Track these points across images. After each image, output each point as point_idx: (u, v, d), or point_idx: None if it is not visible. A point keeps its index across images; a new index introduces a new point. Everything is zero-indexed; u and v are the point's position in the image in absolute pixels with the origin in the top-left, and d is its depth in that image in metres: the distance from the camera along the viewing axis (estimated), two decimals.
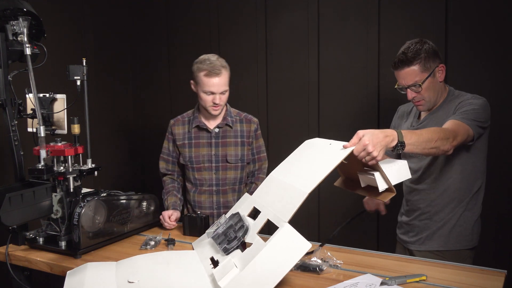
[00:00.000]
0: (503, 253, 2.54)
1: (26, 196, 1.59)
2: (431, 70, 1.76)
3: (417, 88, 1.77)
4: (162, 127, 3.78)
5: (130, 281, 1.44)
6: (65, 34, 3.20)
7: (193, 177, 2.22)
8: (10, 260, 1.75)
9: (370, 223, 2.90)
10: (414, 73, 1.75)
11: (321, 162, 1.44)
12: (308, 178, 1.40)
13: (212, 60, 2.07)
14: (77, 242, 1.72)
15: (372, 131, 1.40)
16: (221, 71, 2.05)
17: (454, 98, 1.82)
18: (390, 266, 1.53)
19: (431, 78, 1.76)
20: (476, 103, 1.73)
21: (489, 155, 2.58)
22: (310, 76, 3.02)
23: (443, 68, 1.80)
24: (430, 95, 1.79)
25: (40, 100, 1.84)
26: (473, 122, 1.67)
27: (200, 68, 2.07)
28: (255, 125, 2.24)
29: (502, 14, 2.45)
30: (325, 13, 2.95)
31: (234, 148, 2.19)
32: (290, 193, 1.43)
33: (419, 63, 1.75)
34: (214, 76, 2.04)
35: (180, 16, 3.53)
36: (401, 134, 1.44)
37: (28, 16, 1.77)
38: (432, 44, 1.79)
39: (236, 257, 1.41)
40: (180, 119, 2.26)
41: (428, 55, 1.75)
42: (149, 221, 2.05)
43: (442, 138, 1.53)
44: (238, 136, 2.20)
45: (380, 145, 1.37)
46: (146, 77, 3.78)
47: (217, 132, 2.18)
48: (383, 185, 1.43)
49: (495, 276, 1.42)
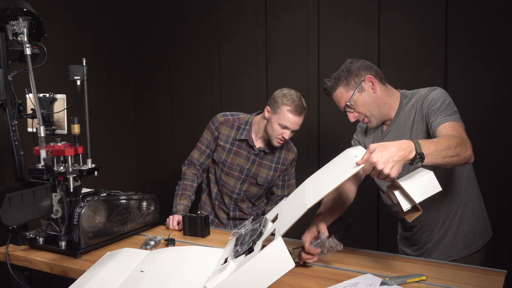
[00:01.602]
0: (503, 253, 2.54)
1: (26, 196, 1.59)
2: (356, 86, 1.69)
3: (350, 108, 1.71)
4: (162, 127, 3.78)
5: (142, 270, 1.50)
6: (65, 34, 3.20)
7: (219, 177, 2.28)
8: (10, 260, 1.75)
9: (370, 223, 2.90)
10: (341, 96, 1.72)
11: (333, 177, 1.39)
12: (315, 192, 1.38)
13: (297, 99, 2.10)
14: (77, 242, 1.72)
15: (385, 145, 1.26)
16: (303, 112, 2.12)
17: (409, 99, 1.73)
18: (390, 266, 1.53)
19: (358, 94, 1.69)
20: (439, 95, 1.62)
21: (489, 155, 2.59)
22: (310, 76, 3.02)
23: (371, 79, 1.69)
24: (369, 109, 1.71)
25: (40, 100, 1.84)
26: (456, 115, 1.57)
27: (285, 102, 2.08)
28: (294, 155, 2.29)
29: (502, 14, 2.45)
30: (325, 13, 2.95)
31: (267, 171, 2.25)
32: (296, 204, 1.43)
33: (341, 84, 1.71)
34: (298, 115, 2.09)
35: (180, 16, 3.54)
36: (419, 144, 1.28)
37: (28, 16, 1.77)
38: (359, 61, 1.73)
39: (237, 261, 1.41)
40: (230, 120, 2.24)
41: (349, 73, 1.70)
42: (149, 221, 2.05)
43: (460, 143, 1.37)
44: (275, 161, 2.25)
45: (393, 161, 1.23)
46: (146, 77, 3.79)
47: (259, 153, 2.22)
48: (406, 205, 1.30)
49: (495, 276, 1.42)
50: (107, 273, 1.51)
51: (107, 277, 1.49)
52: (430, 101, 1.62)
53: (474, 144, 1.50)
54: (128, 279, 1.47)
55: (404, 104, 1.74)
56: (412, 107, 1.70)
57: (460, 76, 2.59)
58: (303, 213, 1.31)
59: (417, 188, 1.27)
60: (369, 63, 1.75)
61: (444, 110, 1.57)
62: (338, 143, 3.01)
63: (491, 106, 2.53)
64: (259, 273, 1.28)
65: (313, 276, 1.47)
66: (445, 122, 1.53)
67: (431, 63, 2.65)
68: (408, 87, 1.82)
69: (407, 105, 1.73)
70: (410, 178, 1.30)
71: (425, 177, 1.28)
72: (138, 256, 1.65)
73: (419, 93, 1.71)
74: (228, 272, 1.35)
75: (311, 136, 3.09)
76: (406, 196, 1.28)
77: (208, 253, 1.66)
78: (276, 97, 2.12)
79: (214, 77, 3.43)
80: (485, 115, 2.54)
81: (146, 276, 1.46)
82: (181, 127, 3.67)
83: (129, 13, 3.73)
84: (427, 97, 1.65)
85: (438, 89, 1.67)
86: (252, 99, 3.21)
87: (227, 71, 3.31)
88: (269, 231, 1.47)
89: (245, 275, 1.29)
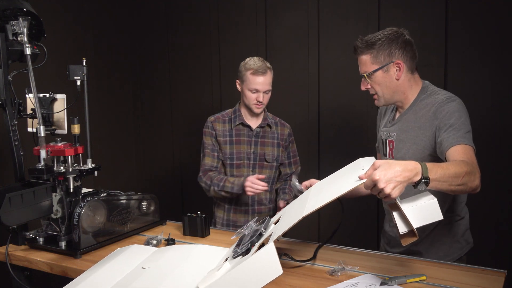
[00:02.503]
0: (503, 253, 2.54)
1: (26, 196, 1.59)
2: (383, 64, 1.62)
3: (366, 79, 1.67)
4: (162, 127, 3.78)
5: (144, 267, 1.52)
6: (65, 34, 3.20)
7: (230, 174, 2.29)
8: (10, 260, 1.75)
9: (370, 223, 2.90)
10: (365, 63, 1.65)
11: (334, 188, 1.37)
12: (315, 201, 1.37)
13: (259, 61, 2.22)
14: (77, 242, 1.72)
15: (390, 164, 1.20)
16: (267, 71, 2.20)
17: (427, 97, 1.67)
18: (390, 266, 1.53)
19: (382, 73, 1.64)
20: (455, 109, 1.56)
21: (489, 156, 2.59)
22: (310, 76, 3.02)
23: (400, 66, 1.63)
24: (382, 90, 1.67)
25: (40, 100, 1.84)
26: (469, 137, 1.51)
27: (247, 67, 2.20)
28: (288, 129, 2.38)
29: (502, 13, 2.46)
30: (325, 13, 2.95)
31: (271, 148, 2.31)
32: (296, 209, 1.43)
33: (370, 54, 1.63)
34: (260, 75, 2.18)
35: (180, 16, 3.54)
36: (426, 168, 1.22)
37: (28, 16, 1.77)
38: (404, 38, 1.63)
39: (233, 263, 1.41)
40: (220, 117, 2.33)
41: (383, 47, 1.61)
42: (149, 221, 2.05)
43: (469, 172, 1.31)
44: (275, 137, 2.32)
45: (396, 181, 1.17)
46: (146, 77, 3.79)
47: (258, 131, 2.30)
48: (403, 228, 1.25)
49: (495, 276, 1.42)
50: (111, 269, 1.53)
51: (109, 272, 1.51)
52: (446, 113, 1.56)
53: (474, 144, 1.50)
54: (128, 275, 1.48)
55: (420, 100, 1.68)
56: (425, 107, 1.64)
57: (460, 76, 2.59)
58: (297, 221, 1.31)
59: (417, 213, 1.22)
60: (412, 42, 1.66)
61: (458, 128, 1.51)
62: (338, 143, 3.02)
63: (491, 106, 2.53)
64: (248, 277, 1.28)
65: (313, 276, 1.47)
66: (458, 145, 1.46)
67: (431, 63, 2.65)
68: None
69: (422, 102, 1.67)
70: (411, 201, 1.24)
71: (428, 203, 1.22)
72: (144, 253, 1.67)
73: (436, 96, 1.64)
74: (221, 273, 1.35)
75: (311, 136, 3.09)
76: (405, 219, 1.24)
77: (212, 253, 1.66)
78: (240, 68, 2.25)
79: (214, 77, 3.43)
80: (485, 115, 2.54)
81: (145, 273, 1.47)
82: (181, 127, 3.67)
83: (129, 13, 3.73)
84: (444, 106, 1.57)
85: (456, 100, 1.60)
86: None
87: (227, 71, 3.31)
88: (268, 233, 1.47)
89: (235, 278, 1.29)
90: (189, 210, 2.02)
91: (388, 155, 1.78)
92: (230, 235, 1.92)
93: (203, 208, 2.31)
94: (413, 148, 1.66)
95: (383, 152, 1.82)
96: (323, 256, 1.62)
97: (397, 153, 1.73)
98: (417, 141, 1.65)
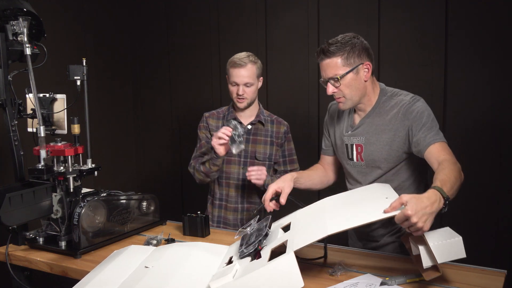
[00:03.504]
0: (503, 253, 2.54)
1: (26, 196, 1.59)
2: (354, 65, 1.63)
3: (336, 82, 1.65)
4: (162, 127, 3.78)
5: (147, 266, 1.51)
6: (65, 34, 3.20)
7: (221, 169, 2.26)
8: (10, 260, 1.75)
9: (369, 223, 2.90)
10: (335, 66, 1.63)
11: (360, 212, 1.39)
12: (338, 221, 1.38)
13: (241, 54, 2.18)
14: (77, 242, 1.72)
15: (417, 198, 1.25)
16: (247, 64, 2.14)
17: (389, 99, 1.72)
18: (390, 266, 1.53)
19: (352, 75, 1.64)
20: (423, 108, 1.63)
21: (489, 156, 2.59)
22: (310, 76, 3.02)
23: (369, 67, 1.66)
24: (351, 93, 1.67)
25: (40, 100, 1.84)
26: (440, 133, 1.60)
27: (229, 61, 2.18)
28: (285, 127, 2.31)
29: (502, 13, 2.46)
30: (325, 13, 2.95)
31: (264, 146, 2.26)
32: (317, 225, 1.42)
33: (342, 56, 1.62)
34: (238, 67, 2.14)
35: (180, 16, 3.54)
36: (442, 189, 1.31)
37: (28, 16, 1.77)
38: (364, 41, 1.68)
39: (242, 264, 1.40)
40: (215, 113, 2.33)
41: (353, 50, 1.63)
42: (149, 221, 2.05)
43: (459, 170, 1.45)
44: (269, 135, 2.27)
45: (426, 214, 1.23)
46: (146, 77, 3.79)
47: (250, 129, 2.25)
48: (428, 262, 1.28)
49: (495, 276, 1.42)
50: (113, 270, 1.53)
51: (112, 273, 1.50)
52: (416, 113, 1.63)
53: (474, 144, 1.51)
54: (132, 275, 1.48)
55: (382, 102, 1.73)
56: (392, 109, 1.69)
57: (460, 76, 2.59)
58: (322, 237, 1.31)
59: (443, 250, 1.25)
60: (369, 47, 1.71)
61: (430, 127, 1.60)
62: None
63: (491, 106, 2.53)
64: (265, 285, 1.27)
65: (313, 276, 1.47)
66: (435, 143, 1.56)
67: (431, 63, 2.65)
68: (408, 87, 1.81)
69: (385, 104, 1.72)
70: (437, 237, 1.28)
71: (453, 240, 1.25)
72: (143, 253, 1.66)
73: (400, 98, 1.70)
74: (233, 274, 1.34)
75: (310, 136, 3.09)
76: (430, 253, 1.27)
77: (213, 250, 1.66)
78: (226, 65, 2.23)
79: (214, 77, 3.43)
80: (485, 115, 2.54)
81: (150, 272, 1.46)
82: (181, 127, 3.67)
83: (129, 13, 3.73)
84: (412, 107, 1.64)
85: (421, 100, 1.67)
86: None
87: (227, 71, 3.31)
88: (280, 239, 1.45)
89: (250, 284, 1.28)
90: (189, 210, 2.02)
91: (356, 158, 1.79)
92: (230, 235, 1.92)
93: (203, 208, 2.32)
94: (386, 149, 1.70)
95: (348, 156, 1.82)
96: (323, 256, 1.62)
97: (368, 156, 1.75)
98: (390, 142, 1.69)
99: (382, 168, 1.73)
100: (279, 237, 1.49)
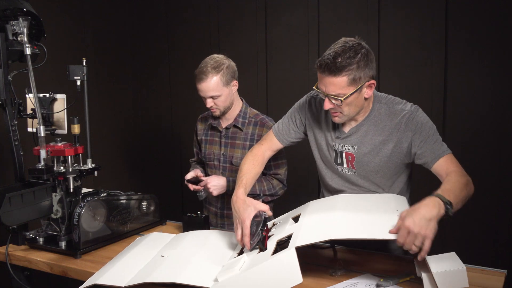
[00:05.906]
0: (503, 253, 2.54)
1: (26, 196, 1.59)
2: (360, 85, 1.49)
3: (337, 101, 1.51)
4: (162, 127, 3.78)
5: (163, 255, 1.57)
6: (65, 34, 3.21)
7: (206, 173, 2.27)
8: (10, 260, 1.75)
9: None
10: (339, 85, 1.48)
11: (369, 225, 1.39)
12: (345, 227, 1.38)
13: (203, 64, 2.02)
14: (77, 242, 1.72)
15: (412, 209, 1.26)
16: (207, 77, 1.98)
17: (383, 106, 1.62)
18: (389, 266, 1.53)
19: (356, 94, 1.51)
20: (425, 120, 1.57)
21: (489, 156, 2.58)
22: (310, 76, 3.02)
23: (373, 85, 1.54)
24: (349, 110, 1.55)
25: (40, 100, 1.84)
26: (445, 145, 1.57)
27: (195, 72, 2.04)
28: (268, 130, 2.04)
29: (502, 13, 2.46)
30: (325, 13, 2.95)
31: (242, 151, 2.12)
32: (324, 225, 1.43)
33: (348, 75, 1.47)
34: (200, 82, 2.00)
35: (180, 16, 3.54)
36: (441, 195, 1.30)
37: (28, 16, 1.77)
38: (368, 49, 1.53)
39: (250, 256, 1.45)
40: (205, 115, 2.29)
41: (359, 66, 1.48)
42: (149, 221, 2.05)
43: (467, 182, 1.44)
44: (248, 139, 2.11)
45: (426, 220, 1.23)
46: (146, 77, 3.79)
47: (226, 132, 2.15)
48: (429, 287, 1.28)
49: (495, 276, 1.42)
50: (132, 258, 1.60)
51: (131, 262, 1.57)
52: (420, 124, 1.56)
53: (474, 144, 1.51)
54: (148, 264, 1.53)
55: (376, 109, 1.62)
56: (390, 119, 1.60)
57: (460, 76, 2.59)
58: (325, 239, 1.33)
59: (446, 278, 1.23)
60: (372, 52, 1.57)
61: (434, 139, 1.55)
62: None
63: (491, 106, 2.53)
64: (266, 279, 1.30)
65: (313, 276, 1.47)
66: (444, 156, 1.53)
67: (431, 63, 2.65)
68: (408, 87, 1.82)
69: (380, 111, 1.62)
70: (441, 264, 1.26)
71: (457, 269, 1.23)
72: (163, 241, 1.74)
73: (399, 107, 1.60)
74: (240, 267, 1.38)
75: None
76: (431, 279, 1.26)
77: (228, 238, 1.72)
78: None
79: None
80: (485, 115, 2.54)
81: (165, 262, 1.51)
82: (181, 127, 3.67)
83: (129, 13, 3.73)
84: (414, 119, 1.56)
85: (419, 110, 1.59)
86: (252, 99, 3.21)
87: None
88: (287, 231, 1.48)
89: (252, 278, 1.32)
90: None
91: (347, 165, 1.69)
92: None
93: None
94: (384, 160, 1.62)
95: (336, 162, 1.72)
96: (323, 256, 1.62)
97: (360, 166, 1.67)
98: (389, 153, 1.61)
99: (375, 182, 1.68)
100: (287, 228, 1.52)
